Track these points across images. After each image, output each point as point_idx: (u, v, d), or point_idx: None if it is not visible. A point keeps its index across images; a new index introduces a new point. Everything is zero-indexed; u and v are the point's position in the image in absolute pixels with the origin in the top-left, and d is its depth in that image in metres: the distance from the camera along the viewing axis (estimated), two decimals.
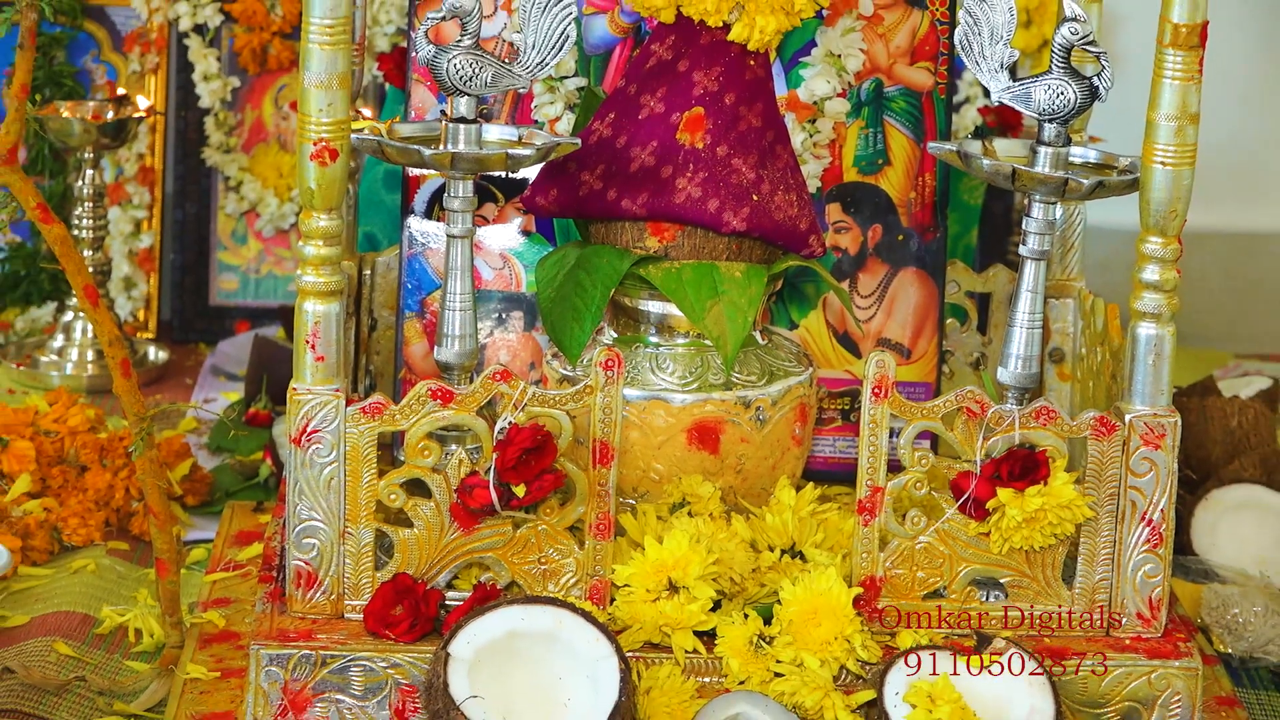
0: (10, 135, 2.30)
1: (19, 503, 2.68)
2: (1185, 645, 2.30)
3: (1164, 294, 2.26)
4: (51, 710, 2.31)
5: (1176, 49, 2.20)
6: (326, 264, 2.22)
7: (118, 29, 3.35)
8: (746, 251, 2.39)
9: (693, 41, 2.38)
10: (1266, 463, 2.74)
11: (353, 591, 2.27)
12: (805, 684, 2.20)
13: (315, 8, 2.17)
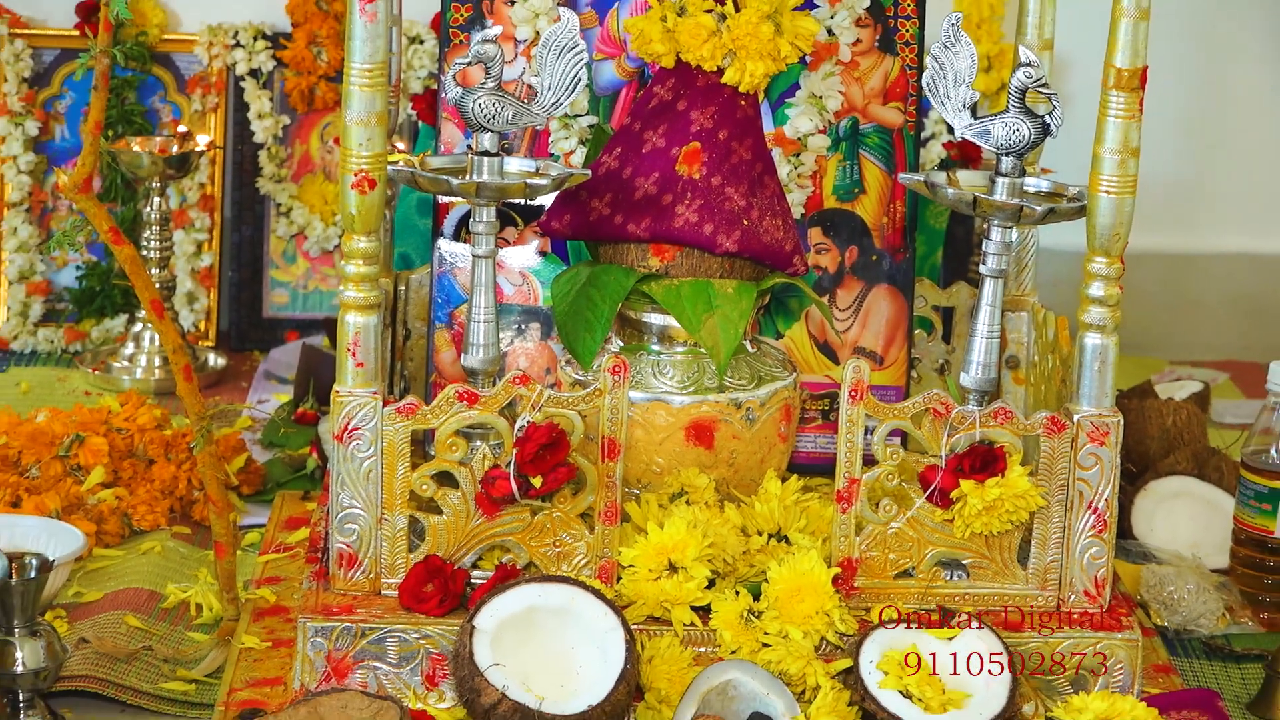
0: (86, 167, 2.30)
1: (94, 492, 2.67)
2: (1127, 619, 2.30)
3: (1108, 308, 2.25)
4: (122, 676, 2.31)
5: (1119, 90, 2.20)
6: (366, 281, 2.22)
7: (182, 73, 3.34)
8: (738, 270, 2.39)
9: (690, 84, 2.38)
10: (1198, 457, 2.74)
11: (388, 571, 2.26)
12: (790, 653, 2.20)
13: (356, 54, 2.17)
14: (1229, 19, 3.38)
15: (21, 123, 3.30)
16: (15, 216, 3.30)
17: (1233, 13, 3.38)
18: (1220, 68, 3.39)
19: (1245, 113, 3.42)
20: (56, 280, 3.34)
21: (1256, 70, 3.40)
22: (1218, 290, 3.45)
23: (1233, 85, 3.40)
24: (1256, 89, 3.41)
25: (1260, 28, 3.38)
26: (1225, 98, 3.40)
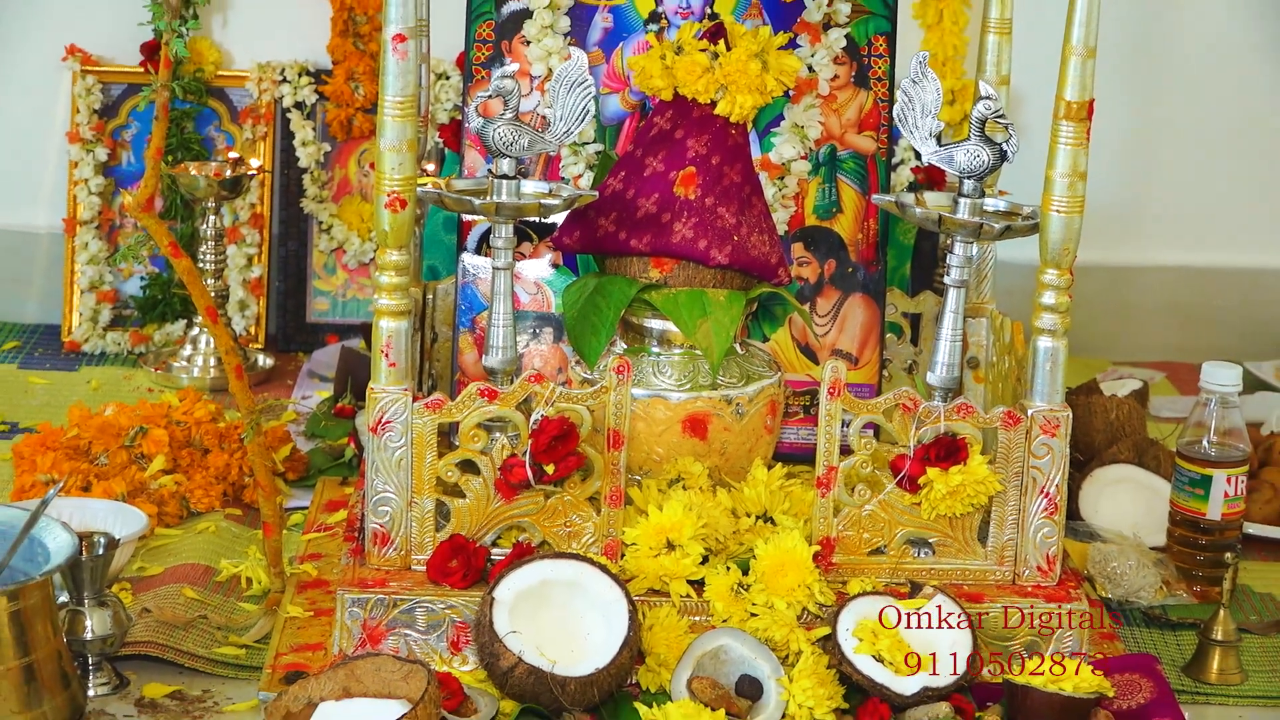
0: (148, 188, 2.30)
1: (155, 478, 2.67)
2: (1075, 591, 2.29)
3: (1058, 315, 2.25)
4: (180, 641, 2.30)
5: (1069, 121, 2.20)
6: (398, 290, 2.22)
7: (234, 105, 3.34)
8: (729, 280, 2.38)
9: (687, 115, 2.37)
10: (1138, 447, 2.73)
11: (417, 548, 2.26)
12: (775, 622, 2.19)
13: (389, 89, 2.16)
14: (1165, 56, 3.37)
15: (92, 149, 3.30)
16: (86, 233, 3.30)
17: (1167, 52, 3.37)
18: (1156, 101, 3.39)
19: (1178, 143, 3.42)
20: (123, 289, 3.34)
21: (1187, 105, 3.39)
22: (1155, 299, 3.44)
23: (1167, 118, 3.40)
24: (1187, 122, 3.40)
25: (1190, 66, 3.38)
26: (1161, 129, 3.40)
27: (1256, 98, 3.39)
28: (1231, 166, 3.42)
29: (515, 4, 2.63)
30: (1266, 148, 3.42)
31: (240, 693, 2.25)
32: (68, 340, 3.30)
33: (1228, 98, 3.39)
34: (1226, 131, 3.41)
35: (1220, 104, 3.40)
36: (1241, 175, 3.43)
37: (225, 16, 3.35)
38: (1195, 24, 3.37)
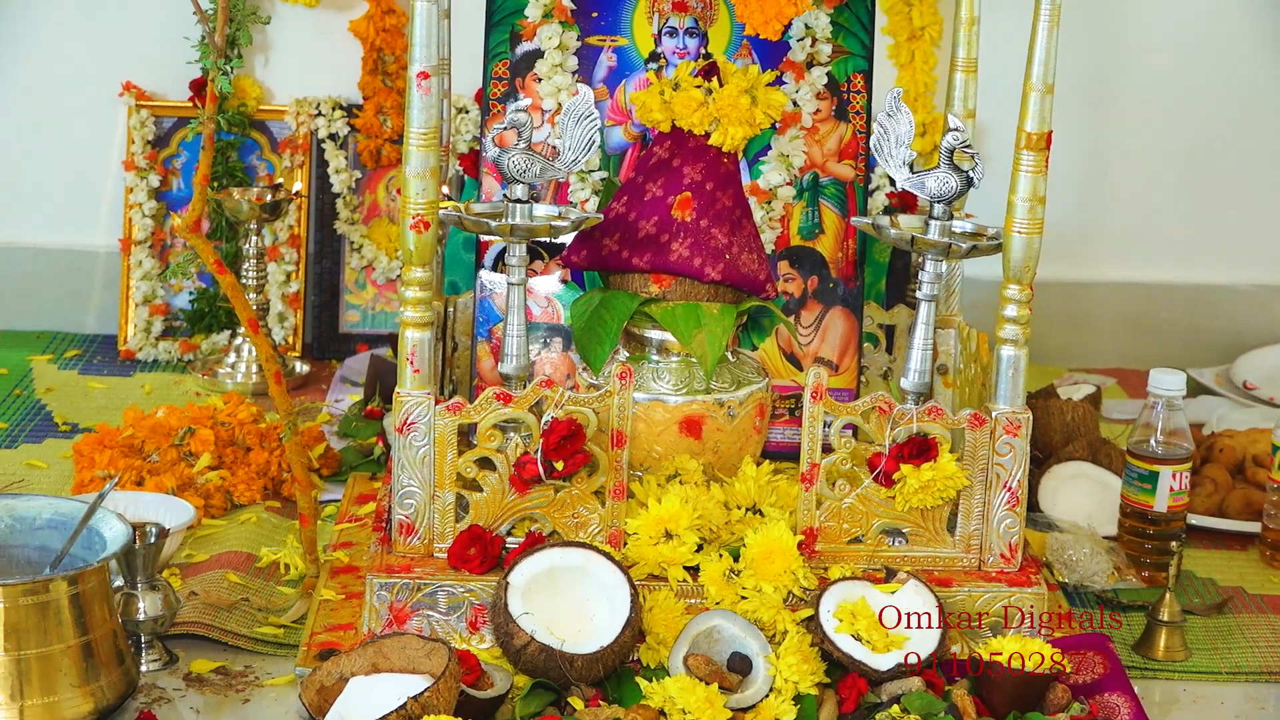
0: (196, 211, 2.29)
1: (202, 473, 2.67)
2: (1034, 576, 2.29)
3: (1020, 326, 2.25)
4: (224, 622, 2.30)
5: (1029, 150, 2.20)
6: (422, 304, 2.22)
7: (274, 136, 3.34)
8: (721, 295, 2.38)
9: (683, 145, 2.37)
10: (1091, 446, 2.73)
11: (439, 537, 2.26)
12: (763, 604, 2.19)
13: (414, 121, 2.17)
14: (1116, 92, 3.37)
15: (145, 176, 3.30)
16: (140, 251, 3.30)
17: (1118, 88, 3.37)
18: (1107, 132, 3.39)
19: (1127, 170, 3.41)
20: (173, 303, 3.34)
21: (1135, 136, 3.39)
22: (1106, 311, 3.44)
23: (1117, 147, 3.40)
24: (1136, 151, 3.40)
25: (1138, 101, 3.38)
26: (1112, 157, 3.40)
27: (1198, 130, 3.39)
28: (1175, 192, 3.42)
29: (528, 44, 2.63)
30: (1207, 175, 3.41)
31: (279, 668, 2.25)
32: (123, 349, 3.30)
33: (1172, 130, 3.39)
34: (1171, 160, 3.41)
35: (1165, 135, 3.40)
36: (1184, 200, 3.43)
37: (267, 56, 3.35)
38: (1143, 64, 3.37)
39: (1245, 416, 3.01)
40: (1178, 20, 3.34)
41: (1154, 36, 3.35)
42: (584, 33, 2.63)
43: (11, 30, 3.29)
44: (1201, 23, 3.34)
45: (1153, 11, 3.34)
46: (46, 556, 2.18)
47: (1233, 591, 2.53)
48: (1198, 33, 3.35)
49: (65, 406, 3.03)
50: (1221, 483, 2.74)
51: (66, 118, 3.33)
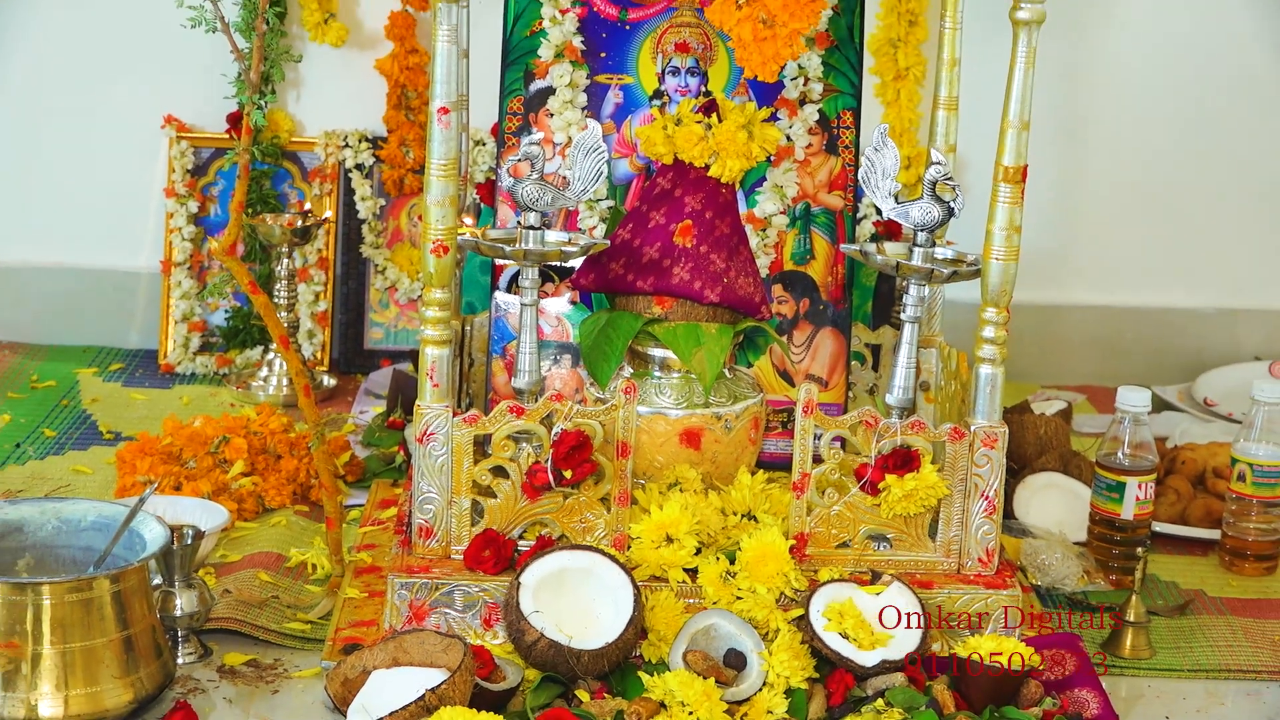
0: (232, 235, 2.29)
1: (236, 479, 2.67)
2: (1010, 580, 2.28)
3: (997, 346, 2.24)
4: (256, 618, 2.29)
5: (1006, 183, 2.20)
6: (441, 322, 2.21)
7: (305, 166, 3.34)
8: (719, 316, 2.37)
9: (684, 176, 2.37)
10: (1063, 458, 2.73)
11: (456, 540, 2.25)
12: (757, 604, 2.19)
13: (434, 153, 2.17)
14: (1086, 128, 3.37)
15: (185, 203, 3.30)
16: (180, 273, 3.30)
17: (1088, 124, 3.37)
18: (1078, 166, 3.39)
19: (1097, 201, 3.41)
20: (210, 320, 3.34)
21: (1104, 170, 3.39)
22: (1077, 333, 3.44)
23: (1087, 180, 3.40)
24: (1104, 184, 3.40)
25: (1108, 137, 3.38)
26: (1082, 189, 3.40)
27: (1162, 164, 3.39)
28: (1141, 222, 3.42)
29: (541, 82, 2.63)
30: (1170, 207, 3.41)
31: (306, 661, 2.25)
32: (163, 363, 3.30)
33: (1138, 164, 3.39)
34: (1137, 193, 3.41)
35: (1132, 170, 3.40)
36: (1149, 229, 3.43)
37: (298, 92, 3.35)
38: (1112, 103, 3.37)
39: (1206, 431, 3.01)
40: (1144, 64, 3.35)
41: (1122, 78, 3.36)
42: (593, 71, 2.63)
43: (64, 67, 3.29)
44: (1166, 67, 3.35)
45: (1121, 56, 3.34)
46: (90, 556, 2.17)
47: (1194, 594, 2.53)
48: (1163, 76, 3.35)
49: (109, 416, 3.03)
50: (1184, 493, 2.74)
51: (112, 148, 3.33)
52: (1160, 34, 3.33)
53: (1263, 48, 3.34)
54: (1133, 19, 3.33)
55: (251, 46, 2.32)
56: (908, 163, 3.25)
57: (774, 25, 2.22)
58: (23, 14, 3.27)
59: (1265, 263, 3.44)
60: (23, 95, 3.31)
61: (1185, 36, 3.33)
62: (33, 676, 2.02)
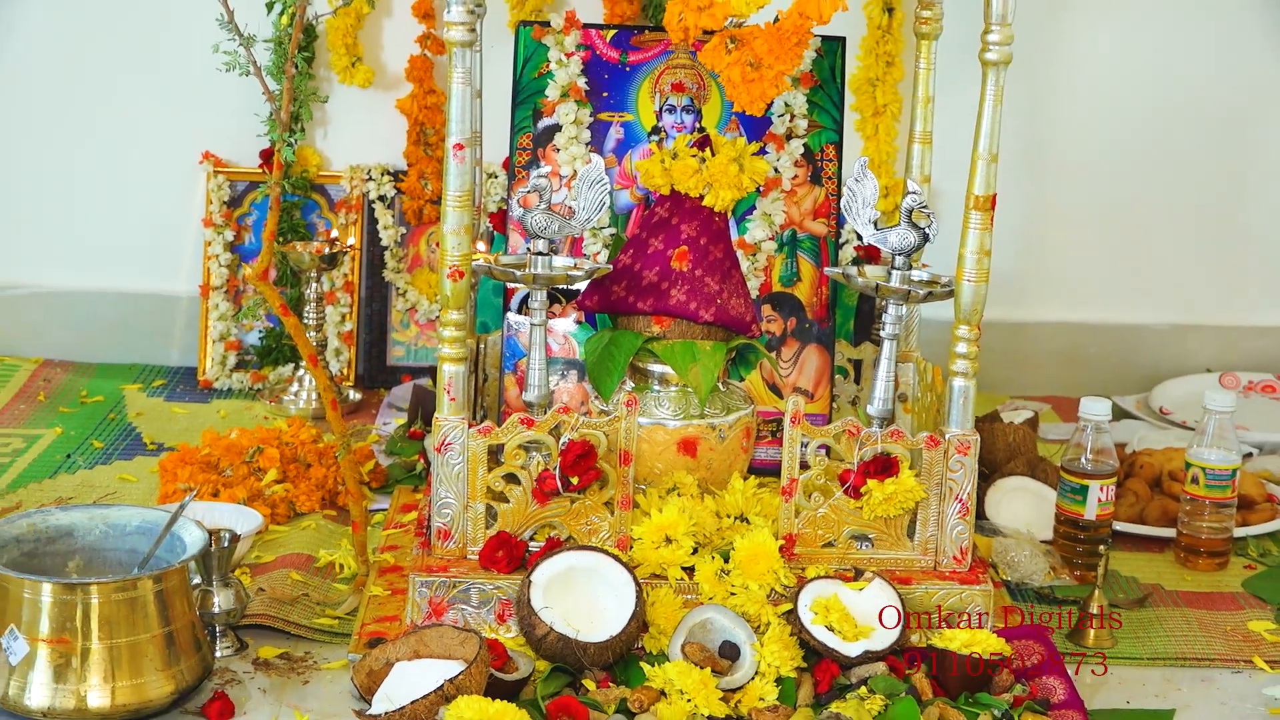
0: (264, 262, 2.29)
1: (269, 486, 2.66)
2: (982, 576, 2.28)
3: (969, 360, 2.24)
4: (288, 614, 2.29)
5: (977, 210, 2.20)
6: (457, 341, 2.21)
7: (332, 197, 3.34)
8: (713, 334, 2.37)
9: (681, 205, 2.37)
10: (1030, 463, 2.72)
11: (472, 542, 2.25)
12: (749, 600, 2.18)
13: (450, 186, 2.17)
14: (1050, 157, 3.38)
15: (221, 232, 3.30)
16: (217, 296, 3.30)
17: (1051, 153, 3.37)
18: (1043, 192, 3.39)
19: (1061, 225, 3.41)
20: (245, 340, 3.33)
21: (1067, 195, 3.39)
22: (1043, 347, 3.43)
23: (1052, 205, 3.40)
24: (1068, 209, 3.40)
25: (1070, 165, 3.38)
26: (1047, 214, 3.40)
27: (1121, 191, 3.39)
28: (1101, 245, 3.42)
29: (548, 120, 2.63)
30: (1129, 230, 3.41)
31: (334, 654, 2.24)
32: (202, 379, 3.29)
33: (1099, 191, 3.39)
34: (1097, 218, 3.40)
35: (1093, 196, 3.40)
36: (1109, 252, 3.42)
37: (325, 129, 3.35)
38: (1073, 136, 3.37)
39: (1162, 437, 3.01)
40: (1103, 100, 3.35)
41: (1083, 114, 3.36)
42: (596, 110, 2.63)
43: (111, 107, 3.30)
44: (1123, 102, 3.35)
45: (1080, 93, 3.34)
46: (135, 558, 2.17)
47: (1152, 588, 2.52)
48: (1120, 111, 3.35)
49: (152, 429, 3.03)
50: (1142, 494, 2.73)
51: (154, 182, 3.33)
52: (1117, 72, 3.33)
53: (1213, 84, 3.34)
54: (1091, 58, 3.33)
55: (281, 88, 2.32)
56: (886, 192, 3.25)
57: (761, 67, 2.22)
58: (75, 61, 3.28)
59: (1215, 283, 3.44)
60: (73, 134, 3.31)
61: (1140, 73, 3.33)
62: (82, 669, 2.02)
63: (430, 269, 3.36)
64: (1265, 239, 3.42)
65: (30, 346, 3.36)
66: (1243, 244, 3.42)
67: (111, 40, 3.26)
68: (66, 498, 2.69)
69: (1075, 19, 3.31)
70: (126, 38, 3.26)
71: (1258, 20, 3.31)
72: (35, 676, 2.02)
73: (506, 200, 2.85)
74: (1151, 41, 3.32)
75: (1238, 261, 3.43)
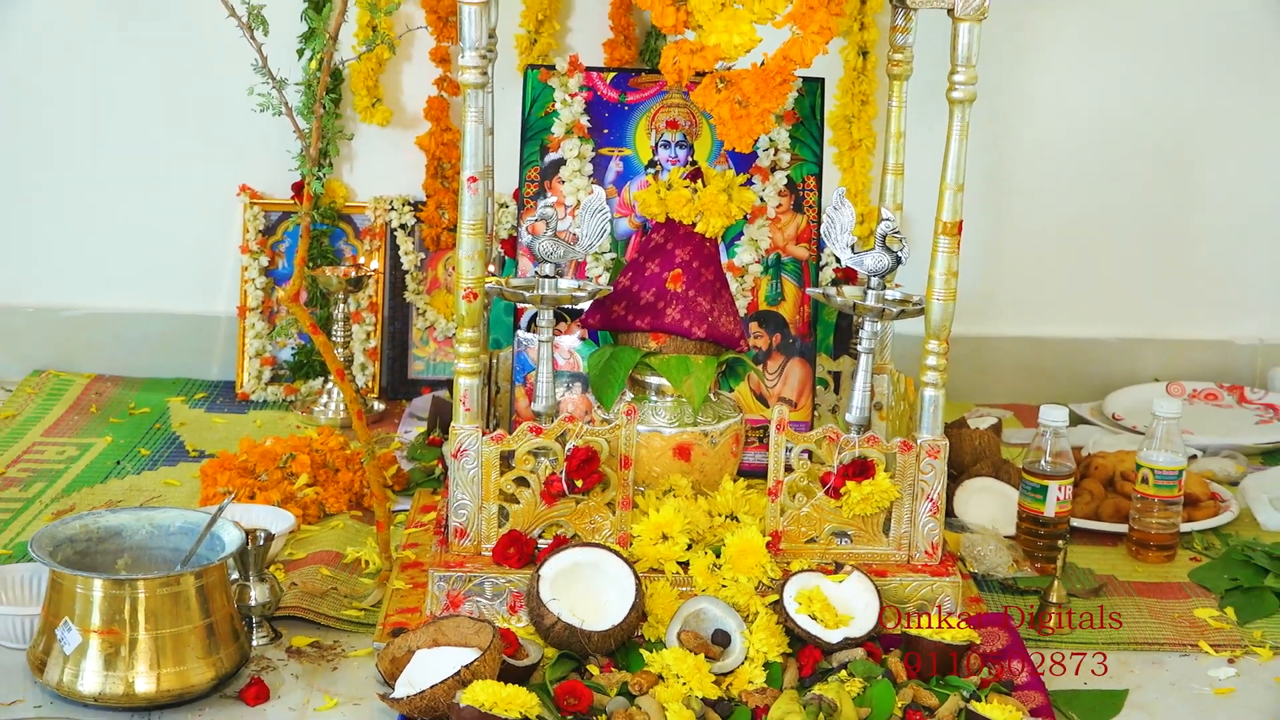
0: (295, 285, 2.29)
1: (300, 489, 2.66)
2: (951, 569, 2.28)
3: (938, 372, 2.24)
4: (318, 606, 2.28)
5: (945, 235, 2.19)
6: (472, 357, 2.21)
7: (357, 226, 3.33)
8: (705, 349, 2.37)
9: (675, 232, 2.37)
10: (995, 465, 2.72)
11: (485, 540, 2.24)
12: (739, 591, 2.18)
13: (465, 215, 2.17)
14: (1010, 184, 3.37)
15: (257, 257, 3.29)
16: (253, 316, 3.29)
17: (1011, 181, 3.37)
18: (1004, 217, 3.38)
19: (1021, 247, 3.41)
20: (279, 356, 3.33)
21: (1026, 219, 3.39)
22: (1005, 359, 3.43)
23: (1013, 229, 3.39)
24: (1027, 232, 3.40)
25: (1028, 191, 3.38)
26: (1008, 237, 3.39)
27: (1076, 216, 3.39)
28: (1058, 266, 3.42)
29: (554, 154, 2.62)
30: (1083, 252, 3.41)
31: (360, 642, 2.24)
32: (240, 392, 3.28)
33: (1055, 217, 3.39)
34: (1054, 242, 3.40)
35: (1050, 221, 3.39)
36: (1065, 272, 3.42)
37: (351, 164, 3.35)
38: (1031, 166, 3.37)
39: (1114, 441, 3.01)
40: (1058, 132, 3.35)
41: (1040, 145, 3.36)
42: (597, 145, 2.63)
43: (156, 145, 3.30)
44: (1077, 133, 3.35)
45: (1038, 125, 3.35)
46: (178, 556, 2.16)
47: (1106, 579, 2.52)
48: (1074, 141, 3.35)
49: (194, 437, 3.02)
50: (1096, 493, 2.73)
51: (196, 212, 3.33)
52: (1070, 106, 3.34)
53: (1156, 115, 3.34)
54: (1047, 95, 3.33)
55: (311, 127, 2.32)
56: (862, 219, 3.25)
57: (748, 105, 2.22)
58: (125, 104, 3.28)
59: (1162, 300, 3.44)
60: (123, 170, 3.31)
61: (1091, 108, 3.33)
62: (130, 658, 2.01)
63: (447, 290, 3.36)
64: (1207, 259, 3.42)
65: (83, 363, 3.36)
66: (1187, 264, 3.42)
67: (159, 85, 3.26)
68: (116, 501, 2.69)
69: (1032, 60, 3.32)
70: (172, 83, 3.26)
71: (1194, 56, 3.31)
72: (87, 664, 2.01)
73: (516, 228, 2.85)
74: (1100, 79, 3.33)
75: (1183, 280, 3.43)
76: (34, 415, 3.11)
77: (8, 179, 3.31)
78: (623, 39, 3.22)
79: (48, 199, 3.32)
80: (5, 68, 3.24)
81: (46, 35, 3.23)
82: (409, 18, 3.24)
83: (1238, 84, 3.34)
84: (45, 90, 3.26)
